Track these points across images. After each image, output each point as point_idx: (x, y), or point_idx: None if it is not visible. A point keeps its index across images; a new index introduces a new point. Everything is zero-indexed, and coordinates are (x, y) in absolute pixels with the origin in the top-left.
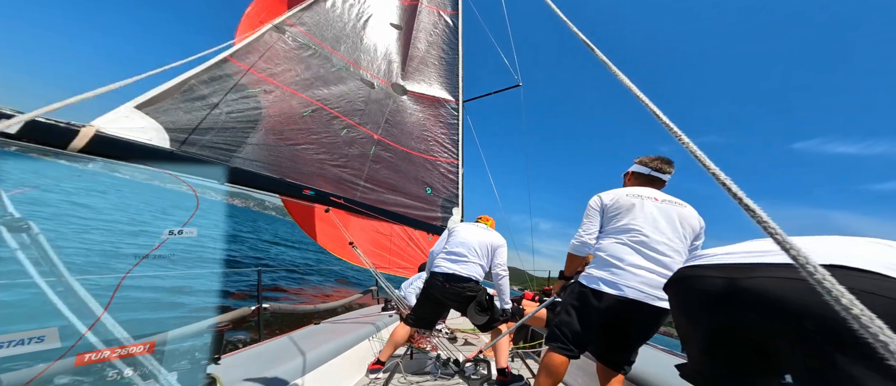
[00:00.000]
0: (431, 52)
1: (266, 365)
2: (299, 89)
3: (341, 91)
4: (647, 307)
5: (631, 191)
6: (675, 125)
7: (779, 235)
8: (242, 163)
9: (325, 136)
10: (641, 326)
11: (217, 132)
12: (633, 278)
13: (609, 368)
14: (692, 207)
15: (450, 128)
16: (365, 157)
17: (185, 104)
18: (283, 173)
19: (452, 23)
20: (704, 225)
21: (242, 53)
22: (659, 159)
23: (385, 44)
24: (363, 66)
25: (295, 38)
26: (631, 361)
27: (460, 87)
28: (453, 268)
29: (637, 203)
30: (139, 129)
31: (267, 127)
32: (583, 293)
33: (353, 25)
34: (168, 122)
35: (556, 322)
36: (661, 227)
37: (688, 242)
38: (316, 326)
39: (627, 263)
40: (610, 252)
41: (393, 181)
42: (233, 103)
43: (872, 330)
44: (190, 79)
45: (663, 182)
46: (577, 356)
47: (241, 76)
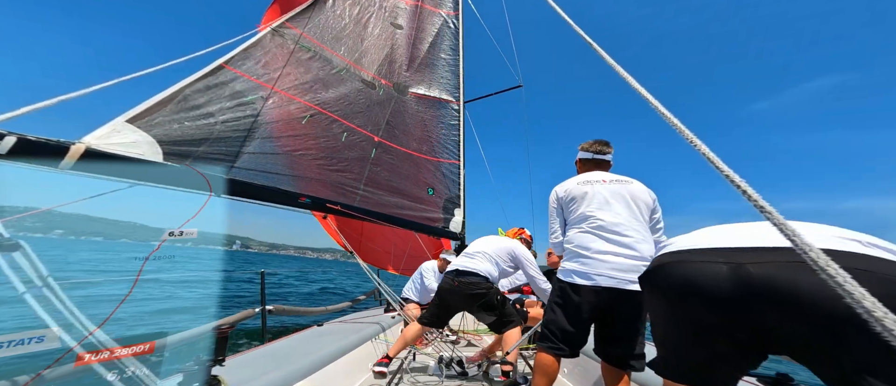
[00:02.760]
0: (432, 53)
1: (270, 366)
2: (298, 94)
3: (341, 93)
4: (623, 293)
5: (581, 178)
6: (678, 120)
7: (780, 222)
8: (237, 173)
9: (325, 141)
10: (624, 313)
11: (212, 143)
12: (602, 266)
13: (614, 368)
14: (640, 182)
15: (451, 128)
16: (365, 160)
17: (179, 115)
18: (280, 181)
19: (453, 24)
20: (656, 197)
21: (238, 59)
22: (598, 142)
23: (386, 44)
24: (364, 66)
25: (295, 41)
26: (633, 356)
27: (461, 88)
28: (463, 263)
29: (589, 189)
30: (131, 144)
31: (264, 135)
32: (562, 289)
33: (353, 26)
34: (161, 135)
35: (544, 321)
36: (615, 208)
37: (646, 217)
38: (320, 328)
39: (594, 251)
40: (576, 243)
41: (394, 183)
42: (229, 112)
43: (867, 307)
44: (184, 88)
45: (608, 163)
46: (568, 354)
47: (238, 83)
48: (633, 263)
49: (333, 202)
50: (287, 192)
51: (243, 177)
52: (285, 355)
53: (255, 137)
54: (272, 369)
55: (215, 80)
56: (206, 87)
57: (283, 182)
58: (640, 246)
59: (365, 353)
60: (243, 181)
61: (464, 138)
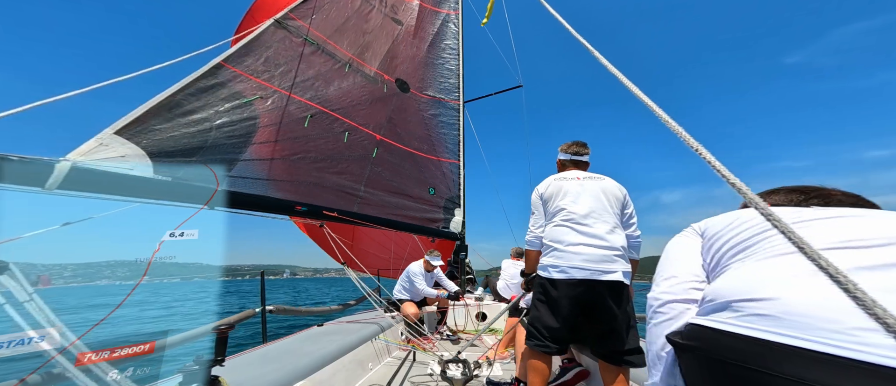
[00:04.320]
0: (432, 52)
1: (270, 366)
2: (299, 92)
3: (344, 89)
4: (598, 284)
5: (558, 176)
6: (682, 128)
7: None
8: (233, 182)
9: (325, 142)
10: (604, 305)
11: (207, 151)
12: (576, 258)
13: (610, 366)
14: (612, 179)
15: (451, 128)
16: (366, 160)
17: (170, 124)
18: (276, 188)
19: (454, 24)
20: (626, 192)
21: (238, 56)
22: (576, 144)
23: (387, 39)
24: (366, 61)
25: (298, 33)
26: (626, 351)
27: (461, 88)
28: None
29: (564, 185)
30: (119, 158)
31: (261, 140)
32: (542, 285)
33: (355, 18)
34: (151, 147)
35: (529, 319)
36: (586, 201)
37: (616, 210)
38: (320, 328)
39: (566, 244)
40: (551, 237)
41: (395, 184)
42: (225, 115)
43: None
44: (176, 93)
45: (586, 163)
46: (555, 351)
47: (236, 82)
48: (604, 253)
49: (331, 209)
50: (281, 201)
51: (238, 186)
52: (285, 355)
53: (251, 143)
54: (272, 369)
55: (212, 81)
56: (200, 90)
57: (278, 189)
58: (610, 237)
59: (365, 353)
60: (236, 192)
61: (464, 138)
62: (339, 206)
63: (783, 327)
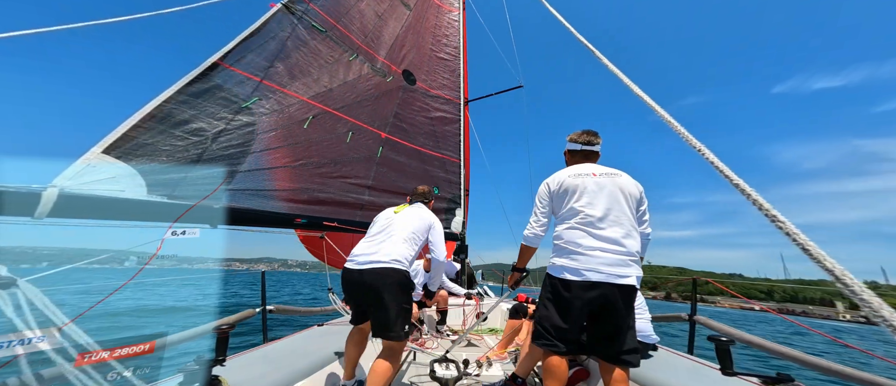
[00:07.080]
0: (436, 49)
1: (271, 366)
2: (301, 91)
3: (349, 83)
4: (613, 286)
5: (572, 170)
6: (683, 128)
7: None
8: (231, 196)
9: (328, 145)
10: (615, 308)
11: (202, 165)
12: (593, 260)
13: (610, 366)
14: (628, 175)
15: (453, 127)
16: (371, 161)
17: (161, 137)
18: (277, 198)
19: (455, 22)
20: (643, 189)
21: (238, 54)
22: (586, 133)
23: (397, 25)
24: (375, 49)
25: (307, 17)
26: (626, 351)
27: (462, 88)
28: None
29: (579, 183)
30: (109, 180)
31: (260, 148)
32: (553, 285)
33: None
34: (142, 165)
35: (537, 318)
36: (602, 202)
37: (632, 209)
38: (320, 328)
39: (585, 248)
40: (567, 239)
41: (400, 184)
42: (222, 123)
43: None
44: (166, 103)
45: (597, 154)
46: (564, 352)
47: (234, 85)
48: (620, 258)
49: (331, 219)
50: (279, 214)
51: (238, 200)
52: (285, 355)
53: (250, 152)
54: (272, 369)
55: (208, 84)
56: (194, 95)
57: (279, 199)
58: (627, 241)
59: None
60: (235, 207)
61: (465, 138)
62: (343, 213)
63: None
